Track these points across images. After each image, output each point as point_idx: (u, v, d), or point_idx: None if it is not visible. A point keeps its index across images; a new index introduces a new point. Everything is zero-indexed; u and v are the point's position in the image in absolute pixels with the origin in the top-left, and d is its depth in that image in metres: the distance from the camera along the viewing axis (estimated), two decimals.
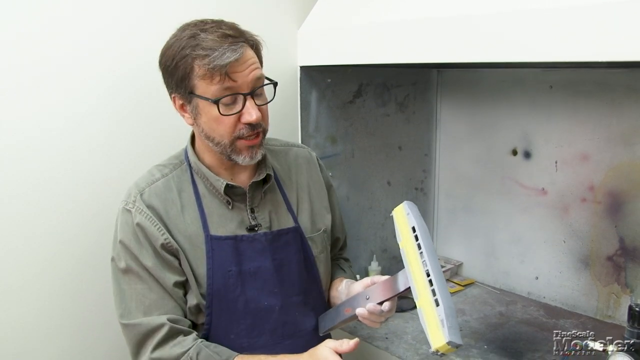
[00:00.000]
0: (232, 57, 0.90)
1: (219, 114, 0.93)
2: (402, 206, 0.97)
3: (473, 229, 1.85)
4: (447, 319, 0.79)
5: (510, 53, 0.99)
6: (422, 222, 0.93)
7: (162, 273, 0.96)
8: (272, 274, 1.02)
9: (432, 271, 0.85)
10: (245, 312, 1.00)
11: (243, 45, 0.92)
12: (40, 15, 1.08)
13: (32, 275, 1.13)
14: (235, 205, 1.04)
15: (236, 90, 0.92)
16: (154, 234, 0.96)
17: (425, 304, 0.84)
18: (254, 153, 0.99)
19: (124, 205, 1.00)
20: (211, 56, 0.89)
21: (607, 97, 1.44)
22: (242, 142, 0.97)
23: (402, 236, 0.94)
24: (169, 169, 1.05)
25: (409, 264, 0.90)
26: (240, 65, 0.92)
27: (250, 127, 0.95)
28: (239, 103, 0.94)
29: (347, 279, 1.15)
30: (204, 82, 0.92)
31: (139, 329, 0.94)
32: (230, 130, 0.95)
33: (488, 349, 1.36)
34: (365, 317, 0.95)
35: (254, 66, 0.94)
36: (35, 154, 1.11)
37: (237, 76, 0.92)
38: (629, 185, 1.43)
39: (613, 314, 1.50)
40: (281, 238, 1.05)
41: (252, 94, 0.94)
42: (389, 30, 1.21)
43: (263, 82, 0.97)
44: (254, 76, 0.94)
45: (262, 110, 0.97)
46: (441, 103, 1.90)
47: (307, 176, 1.16)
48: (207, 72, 0.90)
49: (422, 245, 0.88)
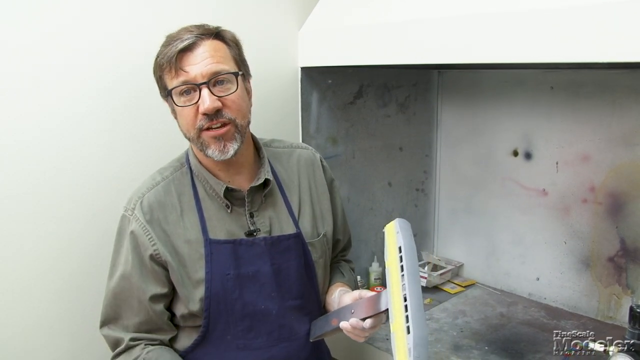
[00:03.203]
0: (179, 46, 0.91)
1: (179, 108, 0.95)
2: (393, 223, 0.95)
3: (474, 229, 1.85)
4: (414, 349, 0.76)
5: (511, 54, 0.99)
6: (411, 242, 0.90)
7: (144, 284, 0.98)
8: (270, 278, 1.02)
9: (410, 296, 0.82)
10: (243, 315, 1.01)
11: (199, 37, 0.93)
12: (40, 17, 1.08)
13: (33, 276, 1.13)
14: (235, 209, 1.04)
15: (190, 81, 0.93)
16: (145, 243, 0.98)
17: (398, 329, 0.81)
18: (223, 146, 0.96)
19: (123, 211, 1.02)
20: (166, 49, 0.93)
21: (607, 98, 1.44)
22: (206, 133, 0.96)
23: (389, 255, 0.93)
24: (169, 172, 1.05)
25: (390, 284, 0.88)
26: (194, 57, 0.93)
27: (208, 117, 0.94)
28: (196, 94, 0.94)
29: (341, 287, 1.14)
30: (168, 78, 0.95)
31: (107, 340, 1.03)
32: (192, 122, 0.95)
33: (489, 350, 1.36)
34: (348, 331, 0.95)
35: (212, 60, 0.93)
36: (34, 154, 1.11)
37: (190, 68, 0.92)
38: (629, 186, 1.43)
39: (614, 315, 1.50)
40: (281, 243, 1.05)
41: (207, 84, 0.93)
42: (390, 31, 1.21)
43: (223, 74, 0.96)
44: (210, 70, 0.93)
45: (226, 101, 0.95)
46: (442, 104, 1.90)
47: (310, 178, 1.16)
48: (166, 66, 0.93)
49: (405, 267, 0.86)
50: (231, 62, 0.98)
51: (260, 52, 1.05)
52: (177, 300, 1.01)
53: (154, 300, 0.99)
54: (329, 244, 1.16)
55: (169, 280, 1.00)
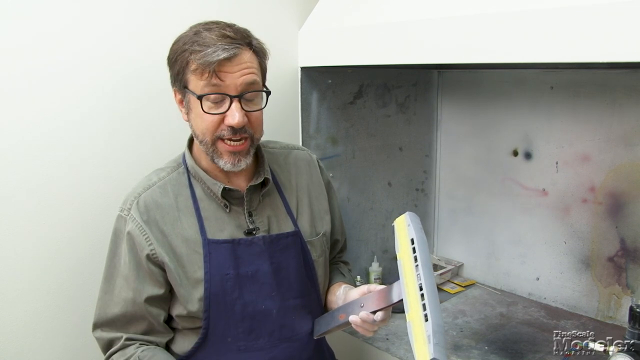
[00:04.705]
0: (222, 55, 0.89)
1: (202, 111, 0.93)
2: (403, 217, 0.96)
3: (474, 229, 1.85)
4: (434, 335, 0.77)
5: (511, 54, 0.99)
6: (422, 235, 0.92)
7: (140, 285, 0.98)
8: (269, 278, 1.02)
9: (426, 286, 0.83)
10: (243, 315, 1.00)
11: (239, 47, 0.92)
12: (43, 18, 1.08)
13: (32, 276, 1.14)
14: (233, 208, 1.04)
15: (223, 90, 0.92)
16: (141, 243, 0.97)
17: (415, 318, 0.82)
18: (237, 161, 0.97)
19: (119, 211, 1.01)
20: (204, 52, 0.90)
21: (607, 98, 1.44)
22: (223, 145, 0.96)
23: (401, 247, 0.93)
24: (166, 172, 1.05)
25: (404, 276, 0.89)
26: (231, 66, 0.91)
27: (232, 131, 0.94)
28: (225, 104, 0.93)
29: (345, 284, 1.15)
30: (194, 77, 0.93)
31: (100, 342, 1.02)
32: (212, 129, 0.95)
33: (489, 350, 1.36)
34: (358, 325, 0.95)
35: (247, 70, 0.93)
36: (36, 155, 1.11)
37: (226, 76, 0.91)
38: (629, 186, 1.43)
39: (614, 314, 1.50)
40: (280, 242, 1.05)
41: (239, 97, 0.93)
42: (390, 31, 1.21)
43: (256, 88, 0.96)
44: (245, 80, 0.93)
45: (250, 116, 0.96)
46: (442, 104, 1.90)
47: (307, 179, 1.16)
48: (198, 67, 0.91)
49: (418, 258, 0.87)
50: (260, 75, 0.98)
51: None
52: (175, 301, 1.01)
53: (150, 301, 0.99)
54: (328, 244, 1.16)
55: (166, 281, 1.00)
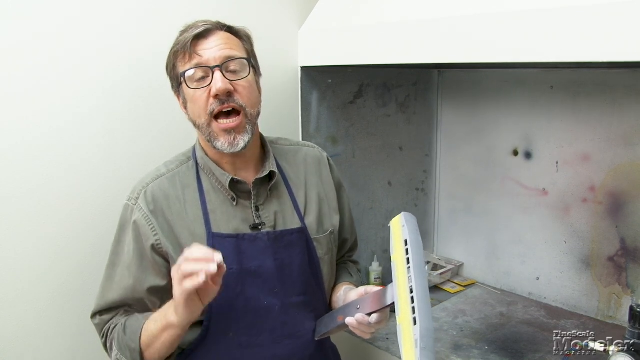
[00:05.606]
0: (194, 32, 0.94)
1: (192, 92, 0.96)
2: (399, 217, 0.95)
3: (474, 229, 1.85)
4: (421, 340, 0.75)
5: (511, 53, 0.99)
6: (417, 236, 0.91)
7: (142, 274, 0.99)
8: (273, 274, 1.02)
9: (416, 288, 0.82)
10: (245, 311, 1.00)
11: (211, 27, 0.97)
12: (43, 16, 1.08)
13: (32, 276, 1.13)
14: (240, 202, 1.04)
15: (203, 64, 0.95)
16: (147, 233, 0.98)
17: (404, 321, 0.81)
18: (233, 139, 0.98)
19: (126, 200, 1.02)
20: (179, 38, 0.97)
21: (607, 98, 1.44)
22: (216, 125, 0.97)
23: (395, 249, 0.93)
24: (175, 165, 1.06)
25: (396, 278, 0.88)
26: (207, 43, 0.96)
27: (220, 101, 0.95)
28: (209, 78, 0.96)
29: (347, 285, 1.14)
30: (180, 65, 0.97)
31: (98, 327, 1.03)
32: (203, 106, 0.96)
33: (489, 350, 1.36)
34: (354, 327, 0.95)
35: (225, 45, 0.97)
36: (36, 155, 1.11)
37: (204, 52, 0.95)
38: (629, 186, 1.43)
39: (614, 314, 1.50)
40: (285, 238, 1.05)
41: (220, 67, 0.95)
42: (390, 30, 1.21)
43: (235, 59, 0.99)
44: (223, 54, 0.96)
45: (237, 86, 0.97)
46: (442, 103, 1.90)
47: (317, 176, 1.16)
48: (179, 53, 0.96)
49: (411, 260, 0.86)
50: (243, 52, 1.01)
51: (261, 51, 1.06)
52: None
53: (152, 292, 0.99)
54: (336, 242, 1.16)
55: (169, 273, 0.99)
